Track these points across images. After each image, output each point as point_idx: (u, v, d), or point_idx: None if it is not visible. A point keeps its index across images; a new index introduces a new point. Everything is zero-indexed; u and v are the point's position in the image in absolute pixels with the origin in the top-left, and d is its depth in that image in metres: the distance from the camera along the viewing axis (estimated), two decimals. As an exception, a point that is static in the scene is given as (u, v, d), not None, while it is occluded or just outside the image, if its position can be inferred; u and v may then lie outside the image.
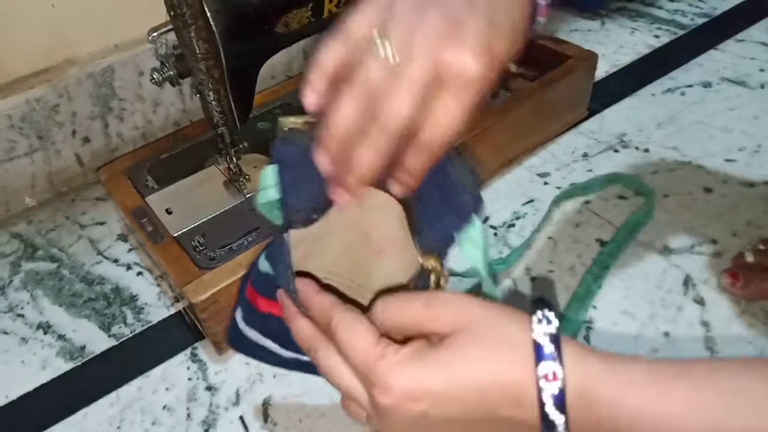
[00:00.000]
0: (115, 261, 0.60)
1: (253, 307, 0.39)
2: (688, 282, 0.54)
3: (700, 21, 0.85)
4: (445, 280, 0.35)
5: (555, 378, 0.27)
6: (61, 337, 0.54)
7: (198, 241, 0.51)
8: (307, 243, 0.38)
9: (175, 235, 0.51)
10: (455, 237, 0.35)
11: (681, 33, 0.83)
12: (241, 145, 0.55)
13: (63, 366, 0.52)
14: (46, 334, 0.54)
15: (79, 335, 0.54)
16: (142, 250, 0.61)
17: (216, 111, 0.49)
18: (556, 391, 0.27)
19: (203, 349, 0.52)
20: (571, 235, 0.58)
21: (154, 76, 0.49)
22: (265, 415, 0.47)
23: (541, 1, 0.31)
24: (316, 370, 0.34)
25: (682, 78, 0.76)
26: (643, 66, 0.79)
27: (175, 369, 0.51)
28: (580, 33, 0.86)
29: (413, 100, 0.28)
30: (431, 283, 0.35)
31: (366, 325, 0.31)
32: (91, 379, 0.51)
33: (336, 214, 0.36)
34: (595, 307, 0.52)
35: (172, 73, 0.49)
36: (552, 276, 0.55)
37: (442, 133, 0.29)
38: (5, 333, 0.55)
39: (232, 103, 0.49)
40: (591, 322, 0.51)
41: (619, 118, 0.71)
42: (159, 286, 0.58)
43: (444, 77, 0.28)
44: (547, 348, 0.27)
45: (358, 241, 0.39)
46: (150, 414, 0.48)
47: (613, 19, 0.88)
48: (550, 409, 0.27)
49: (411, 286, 0.36)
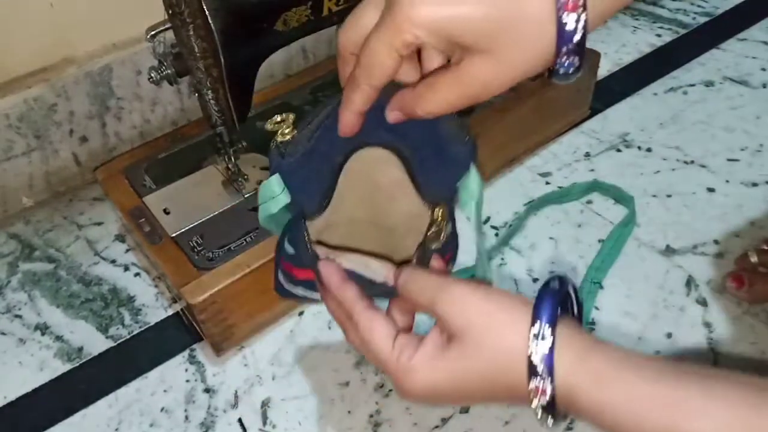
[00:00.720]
0: (113, 262, 0.60)
1: (291, 275, 0.42)
2: (690, 283, 0.53)
3: (702, 20, 0.85)
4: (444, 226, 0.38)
5: (543, 393, 0.29)
6: (58, 338, 0.54)
7: (196, 242, 0.50)
8: (325, 213, 0.40)
9: (173, 235, 0.51)
10: (457, 187, 0.38)
11: (683, 32, 0.83)
12: (239, 145, 0.54)
13: (61, 367, 0.52)
14: (43, 335, 0.54)
15: (76, 336, 0.54)
16: (140, 250, 0.60)
17: (214, 110, 0.49)
18: (545, 403, 0.29)
19: (201, 351, 0.52)
20: (572, 236, 0.58)
21: (152, 75, 0.49)
22: (264, 417, 0.47)
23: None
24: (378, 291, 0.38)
25: (685, 77, 0.75)
26: (645, 65, 0.78)
27: (173, 371, 0.51)
28: (582, 32, 0.85)
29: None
30: (443, 231, 0.38)
31: (383, 326, 0.34)
32: (88, 381, 0.51)
33: (345, 180, 0.39)
34: (597, 308, 0.52)
35: (170, 72, 0.48)
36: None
37: (369, 65, 0.31)
38: (3, 334, 0.54)
39: (231, 102, 0.48)
40: (593, 323, 0.51)
41: (622, 118, 0.71)
42: (157, 287, 0.57)
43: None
44: (539, 367, 0.29)
45: (370, 191, 0.41)
46: (148, 416, 0.48)
47: (615, 18, 0.87)
48: (540, 415, 0.29)
49: (429, 234, 0.39)
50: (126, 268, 0.59)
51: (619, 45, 0.82)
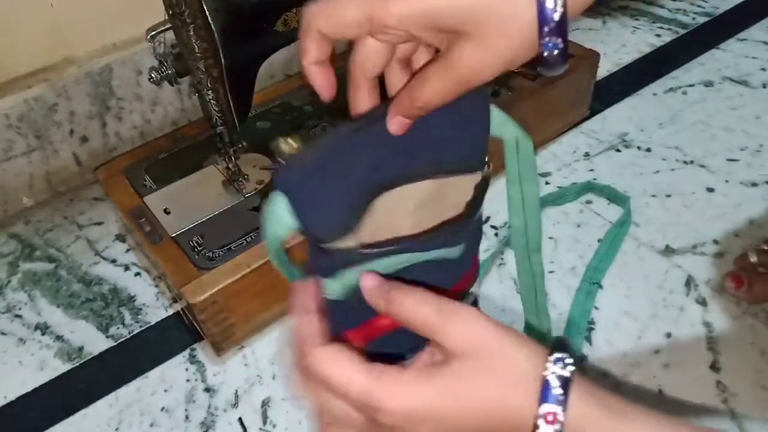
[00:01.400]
0: (113, 261, 0.60)
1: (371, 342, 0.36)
2: (690, 282, 0.53)
3: (702, 20, 0.85)
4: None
5: (555, 421, 0.27)
6: (59, 337, 0.54)
7: (196, 242, 0.50)
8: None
9: (174, 235, 0.51)
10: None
11: (683, 32, 0.83)
12: (239, 145, 0.54)
13: (61, 367, 0.52)
14: (44, 334, 0.54)
15: (77, 336, 0.54)
16: (140, 250, 0.60)
17: (215, 110, 0.49)
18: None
19: (202, 351, 0.52)
20: (572, 236, 0.58)
21: (153, 76, 0.49)
22: (264, 417, 0.47)
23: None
24: None
25: (684, 77, 0.75)
26: (644, 65, 0.78)
27: (174, 370, 0.51)
28: (582, 32, 0.85)
29: None
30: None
31: (351, 360, 0.30)
32: (89, 380, 0.51)
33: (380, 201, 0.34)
34: (596, 307, 0.52)
35: (170, 72, 0.48)
36: (553, 276, 0.55)
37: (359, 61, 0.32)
38: (3, 334, 0.54)
39: (231, 102, 0.48)
40: (593, 323, 0.51)
41: (621, 118, 0.71)
42: (157, 286, 0.57)
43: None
44: (555, 390, 0.27)
45: (413, 203, 0.36)
46: (148, 415, 0.48)
47: (614, 18, 0.87)
48: None
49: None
50: (126, 268, 0.59)
51: (618, 45, 0.82)
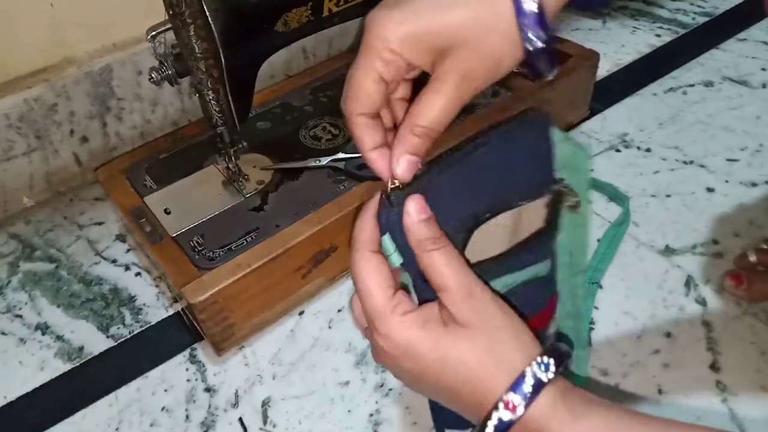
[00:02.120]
0: (114, 261, 0.60)
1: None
2: (689, 282, 0.53)
3: (702, 20, 0.85)
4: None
5: (513, 410, 0.29)
6: (59, 337, 0.54)
7: (197, 242, 0.50)
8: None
9: (174, 235, 0.51)
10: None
11: (682, 32, 0.83)
12: (240, 145, 0.54)
13: (61, 367, 0.52)
14: (44, 334, 0.54)
15: (77, 336, 0.54)
16: (141, 250, 0.60)
17: (215, 110, 0.49)
18: (505, 420, 0.29)
19: (202, 350, 0.52)
20: (572, 235, 0.58)
21: (153, 76, 0.49)
22: (265, 417, 0.47)
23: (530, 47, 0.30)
24: None
25: (684, 77, 0.75)
26: (644, 65, 0.78)
27: (174, 370, 0.51)
28: (582, 32, 0.85)
29: None
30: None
31: (384, 275, 0.33)
32: (89, 380, 0.51)
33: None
34: (596, 307, 0.52)
35: (170, 72, 0.49)
36: (553, 276, 0.55)
37: (353, 95, 0.32)
38: (3, 334, 0.54)
39: (231, 102, 0.48)
40: (593, 323, 0.51)
41: (621, 118, 0.71)
42: (157, 286, 0.57)
43: None
44: (526, 386, 0.30)
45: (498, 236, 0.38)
46: (149, 415, 0.48)
47: (614, 18, 0.87)
48: (490, 430, 0.30)
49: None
50: (127, 268, 0.59)
51: (618, 45, 0.82)
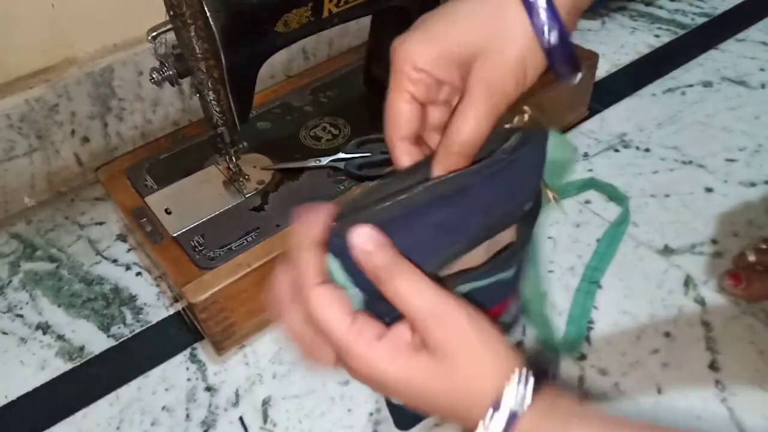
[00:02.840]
0: (114, 261, 0.60)
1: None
2: (688, 282, 0.54)
3: (701, 20, 0.85)
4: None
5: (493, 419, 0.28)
6: (60, 337, 0.54)
7: (197, 241, 0.50)
8: None
9: (175, 235, 0.51)
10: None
11: (681, 33, 0.83)
12: (240, 145, 0.54)
13: (62, 366, 0.52)
14: (45, 334, 0.54)
15: (78, 335, 0.54)
16: (142, 250, 0.61)
17: (215, 111, 0.49)
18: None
19: (202, 350, 0.52)
20: (571, 235, 0.58)
21: (154, 76, 0.49)
22: (265, 416, 0.47)
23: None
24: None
25: (683, 78, 0.75)
26: (643, 66, 0.79)
27: (175, 369, 0.51)
28: (581, 33, 0.85)
29: None
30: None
31: (342, 302, 0.30)
32: (90, 380, 0.51)
33: None
34: (595, 307, 0.52)
35: (171, 72, 0.49)
36: (552, 275, 0.55)
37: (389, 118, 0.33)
38: (4, 333, 0.55)
39: (232, 102, 0.48)
40: (592, 322, 0.51)
41: (620, 118, 0.71)
42: (158, 286, 0.58)
43: None
44: (500, 414, 0.28)
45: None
46: (149, 414, 0.48)
47: (613, 19, 0.87)
48: None
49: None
50: (127, 268, 0.59)
51: (617, 46, 0.82)
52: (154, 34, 0.47)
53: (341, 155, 0.56)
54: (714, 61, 0.77)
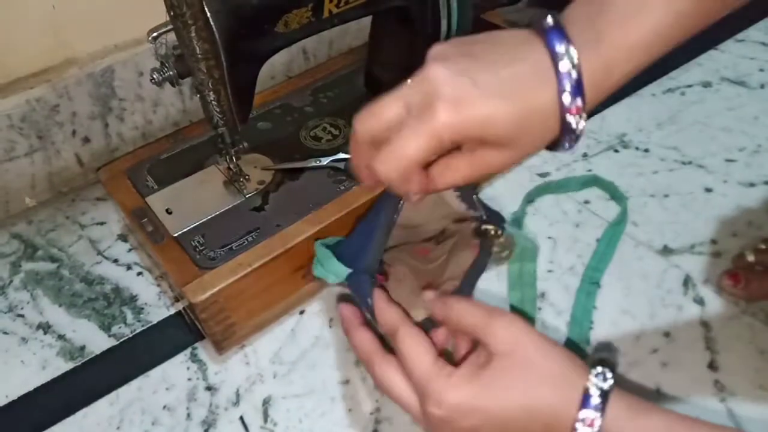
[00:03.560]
0: (115, 261, 0.60)
1: None
2: (688, 282, 0.54)
3: (700, 21, 0.85)
4: (510, 243, 0.42)
5: (591, 425, 0.31)
6: (60, 337, 0.54)
7: (198, 241, 0.50)
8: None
9: (175, 235, 0.51)
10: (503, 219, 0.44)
11: (681, 33, 0.83)
12: (241, 145, 0.55)
13: (63, 366, 0.52)
14: (45, 334, 0.54)
15: (79, 335, 0.54)
16: (142, 250, 0.61)
17: (216, 111, 0.49)
18: None
19: (203, 349, 0.52)
20: (570, 235, 0.58)
21: (154, 77, 0.49)
22: (265, 415, 0.47)
23: (572, 121, 0.31)
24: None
25: (682, 78, 0.76)
26: (643, 66, 0.79)
27: (175, 369, 0.51)
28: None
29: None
30: (497, 245, 0.41)
31: (427, 344, 0.36)
32: (90, 379, 0.51)
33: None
34: (595, 307, 0.52)
35: (172, 73, 0.49)
36: (552, 275, 0.55)
37: (397, 161, 0.32)
38: (5, 333, 0.55)
39: (232, 103, 0.48)
40: (592, 323, 0.51)
41: (619, 118, 0.71)
42: (159, 286, 0.58)
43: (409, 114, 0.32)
44: (594, 399, 0.31)
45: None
46: (150, 414, 0.48)
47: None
48: None
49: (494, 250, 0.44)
50: (128, 268, 0.59)
51: (617, 46, 0.82)
52: (155, 34, 0.47)
53: (341, 155, 0.56)
54: (713, 61, 0.78)
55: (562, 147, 0.33)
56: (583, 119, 0.31)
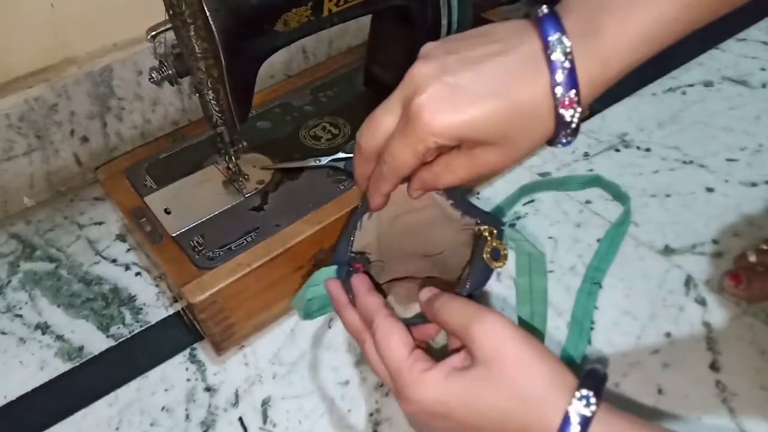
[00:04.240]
0: (114, 261, 0.60)
1: None
2: (689, 282, 0.53)
3: (701, 20, 0.85)
4: (504, 248, 0.40)
5: None
6: (59, 337, 0.54)
7: (197, 241, 0.50)
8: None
9: (174, 235, 0.51)
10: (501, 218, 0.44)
11: (682, 32, 0.83)
12: (240, 145, 0.54)
13: (61, 366, 0.52)
14: (44, 334, 0.54)
15: (77, 335, 0.54)
16: (141, 250, 0.60)
17: (215, 110, 0.49)
18: None
19: (202, 350, 0.52)
20: (571, 235, 0.58)
21: (153, 76, 0.49)
22: (264, 416, 0.47)
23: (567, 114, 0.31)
24: None
25: (684, 77, 0.75)
26: (643, 65, 0.78)
27: (174, 370, 0.51)
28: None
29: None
30: (488, 246, 0.40)
31: (403, 334, 0.35)
32: (89, 380, 0.51)
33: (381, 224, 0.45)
34: (596, 307, 0.52)
35: (170, 72, 0.48)
36: (553, 276, 0.55)
37: (395, 167, 0.34)
38: (3, 333, 0.55)
39: (231, 102, 0.48)
40: (593, 323, 0.51)
41: (620, 118, 0.71)
42: (158, 286, 0.57)
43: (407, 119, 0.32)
44: (573, 428, 0.29)
45: (410, 228, 0.46)
46: (149, 415, 0.48)
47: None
48: None
49: (472, 249, 0.42)
50: (127, 268, 0.59)
51: (618, 45, 0.82)
52: (154, 33, 0.47)
53: (341, 155, 0.56)
54: (715, 60, 0.77)
55: (558, 142, 0.32)
56: (578, 112, 0.30)
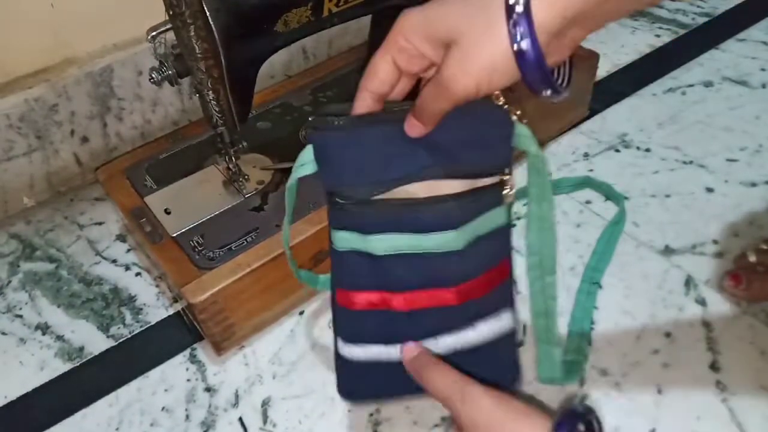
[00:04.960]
0: (114, 261, 0.60)
1: (350, 310, 0.40)
2: (689, 282, 0.53)
3: (701, 20, 0.85)
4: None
5: None
6: (59, 337, 0.54)
7: (197, 242, 0.50)
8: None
9: (174, 235, 0.51)
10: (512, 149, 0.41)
11: (682, 32, 0.83)
12: (240, 145, 0.54)
13: (61, 367, 0.52)
14: (44, 334, 0.54)
15: (77, 336, 0.54)
16: (141, 250, 0.60)
17: (215, 110, 0.49)
18: None
19: (202, 350, 0.52)
20: (571, 236, 0.58)
21: (153, 76, 0.49)
22: (264, 416, 0.47)
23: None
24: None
25: (684, 77, 0.75)
26: (644, 65, 0.79)
27: (174, 370, 0.51)
28: (581, 32, 0.85)
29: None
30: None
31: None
32: (89, 380, 0.51)
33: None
34: (596, 307, 0.52)
35: (171, 72, 0.49)
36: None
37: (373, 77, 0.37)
38: (3, 334, 0.55)
39: (231, 102, 0.48)
40: (592, 323, 0.51)
41: (620, 118, 0.71)
42: (158, 286, 0.57)
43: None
44: None
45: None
46: (149, 415, 0.48)
47: (613, 19, 0.87)
48: None
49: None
50: (127, 268, 0.59)
51: (618, 46, 0.82)
52: (154, 33, 0.47)
53: (341, 155, 0.56)
54: (715, 60, 0.77)
55: (514, 41, 0.30)
56: (528, 35, 0.30)
